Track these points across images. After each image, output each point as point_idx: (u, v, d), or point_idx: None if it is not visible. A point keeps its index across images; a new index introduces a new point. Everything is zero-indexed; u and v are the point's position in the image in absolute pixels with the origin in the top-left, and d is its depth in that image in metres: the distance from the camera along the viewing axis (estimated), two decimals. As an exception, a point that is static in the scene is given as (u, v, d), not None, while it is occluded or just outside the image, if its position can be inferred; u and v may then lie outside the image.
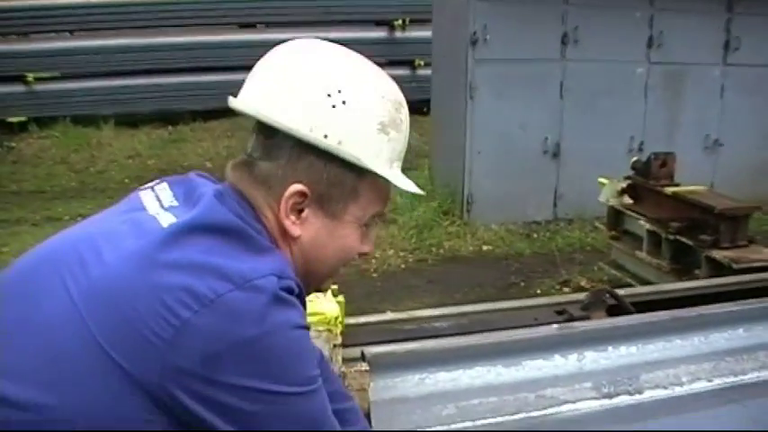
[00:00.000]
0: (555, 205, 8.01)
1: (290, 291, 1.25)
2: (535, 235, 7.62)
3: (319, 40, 1.42)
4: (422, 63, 11.78)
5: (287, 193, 1.35)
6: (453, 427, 2.24)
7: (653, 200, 5.97)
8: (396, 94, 1.41)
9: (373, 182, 1.40)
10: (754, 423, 2.30)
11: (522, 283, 6.36)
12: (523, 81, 7.65)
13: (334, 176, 1.36)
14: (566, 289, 6.08)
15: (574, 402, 2.34)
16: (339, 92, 1.33)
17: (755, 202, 7.33)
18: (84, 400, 1.16)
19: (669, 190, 5.79)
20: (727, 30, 8.25)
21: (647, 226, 5.79)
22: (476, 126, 7.56)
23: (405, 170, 1.48)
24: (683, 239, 5.40)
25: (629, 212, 6.13)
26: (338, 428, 1.32)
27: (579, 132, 7.83)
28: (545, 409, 2.31)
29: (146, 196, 1.41)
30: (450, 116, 7.94)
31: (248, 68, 1.43)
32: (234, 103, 1.40)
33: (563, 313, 2.80)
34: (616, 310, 2.80)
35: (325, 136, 1.32)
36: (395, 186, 1.44)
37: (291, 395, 1.22)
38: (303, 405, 1.25)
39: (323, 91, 1.33)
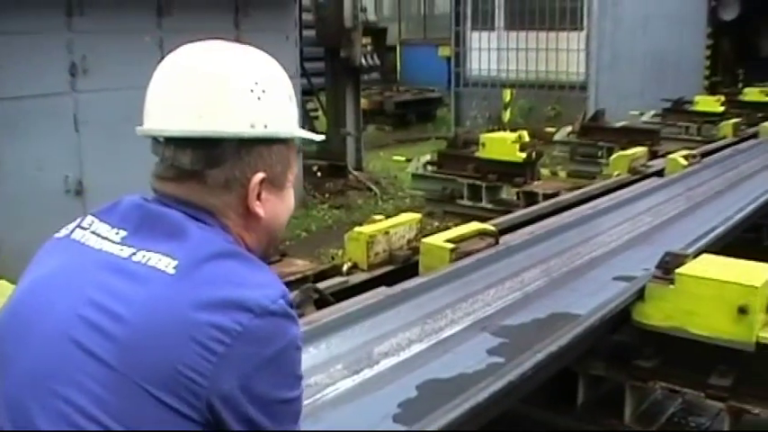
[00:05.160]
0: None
1: (291, 305, 1.52)
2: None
3: (197, 43, 1.63)
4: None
5: (251, 186, 1.58)
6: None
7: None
8: (276, 63, 1.68)
9: (292, 145, 1.68)
10: (467, 365, 3.05)
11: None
12: (34, 118, 7.67)
13: (278, 154, 1.63)
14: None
15: (333, 384, 2.84)
16: (256, 83, 1.58)
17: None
18: None
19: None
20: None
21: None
22: (-17, 171, 7.35)
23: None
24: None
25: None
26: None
27: (104, 166, 8.07)
28: (314, 396, 2.75)
29: (86, 239, 1.59)
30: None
31: None
32: (163, 131, 1.58)
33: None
34: (320, 303, 3.41)
35: (265, 126, 1.58)
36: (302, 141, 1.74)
37: (296, 399, 1.54)
38: (299, 404, 1.56)
39: (246, 89, 1.57)
